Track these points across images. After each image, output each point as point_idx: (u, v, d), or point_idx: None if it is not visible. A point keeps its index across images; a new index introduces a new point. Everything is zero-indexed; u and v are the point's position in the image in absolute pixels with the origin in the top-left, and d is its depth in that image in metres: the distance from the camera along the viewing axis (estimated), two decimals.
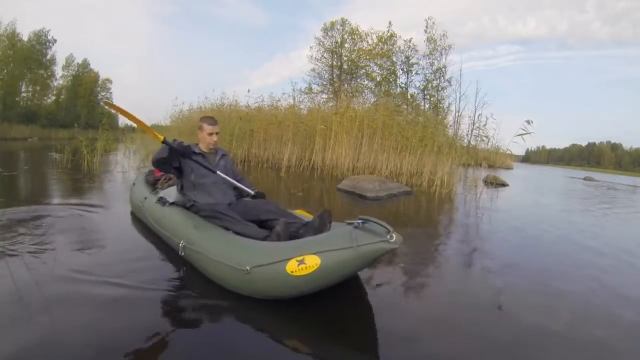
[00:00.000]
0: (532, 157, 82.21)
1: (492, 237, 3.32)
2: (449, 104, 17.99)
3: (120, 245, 2.31)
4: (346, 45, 20.61)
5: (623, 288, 2.13)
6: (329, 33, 20.95)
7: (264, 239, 1.79)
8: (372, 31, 20.17)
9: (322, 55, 21.11)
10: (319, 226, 1.78)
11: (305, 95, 12.06)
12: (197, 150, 2.28)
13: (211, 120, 2.33)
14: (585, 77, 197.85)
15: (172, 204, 2.32)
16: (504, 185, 8.73)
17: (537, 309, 1.74)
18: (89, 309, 1.44)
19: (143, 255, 2.13)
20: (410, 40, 19.97)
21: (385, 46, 19.93)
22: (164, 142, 2.05)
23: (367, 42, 20.30)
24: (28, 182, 4.92)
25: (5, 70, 22.97)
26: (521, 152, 20.42)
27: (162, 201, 2.38)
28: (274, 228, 1.82)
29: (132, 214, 2.98)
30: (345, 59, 20.58)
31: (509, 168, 18.84)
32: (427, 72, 20.11)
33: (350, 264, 1.39)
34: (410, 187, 6.23)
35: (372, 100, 13.90)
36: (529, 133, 4.93)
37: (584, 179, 17.60)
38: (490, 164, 13.99)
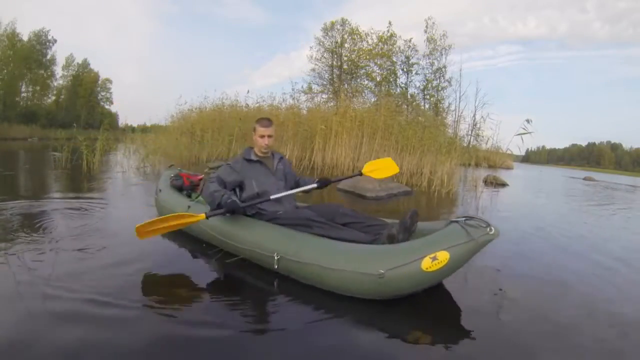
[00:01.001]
0: (532, 157, 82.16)
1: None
2: (449, 104, 18.05)
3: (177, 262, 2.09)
4: (346, 45, 20.66)
5: (625, 286, 2.13)
6: (329, 33, 21.01)
7: (371, 242, 1.81)
8: (372, 31, 20.23)
9: (322, 55, 21.17)
10: (410, 225, 1.81)
11: (305, 95, 12.06)
12: (253, 158, 2.18)
13: (265, 121, 2.16)
14: (585, 77, 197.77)
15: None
16: (504, 185, 8.72)
17: (539, 308, 1.74)
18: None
19: (214, 273, 1.97)
20: (410, 40, 20.04)
21: (385, 46, 19.95)
22: (208, 217, 1.90)
23: (367, 42, 20.36)
24: (28, 181, 4.92)
25: (5, 70, 23.02)
26: (521, 152, 20.31)
27: None
28: (385, 231, 1.81)
29: None
30: (345, 59, 20.61)
31: (509, 168, 18.80)
32: (427, 72, 20.18)
33: (468, 256, 1.57)
34: (410, 187, 6.23)
35: (373, 100, 13.90)
36: (529, 132, 4.86)
37: (584, 179, 17.58)
38: (490, 164, 13.98)
